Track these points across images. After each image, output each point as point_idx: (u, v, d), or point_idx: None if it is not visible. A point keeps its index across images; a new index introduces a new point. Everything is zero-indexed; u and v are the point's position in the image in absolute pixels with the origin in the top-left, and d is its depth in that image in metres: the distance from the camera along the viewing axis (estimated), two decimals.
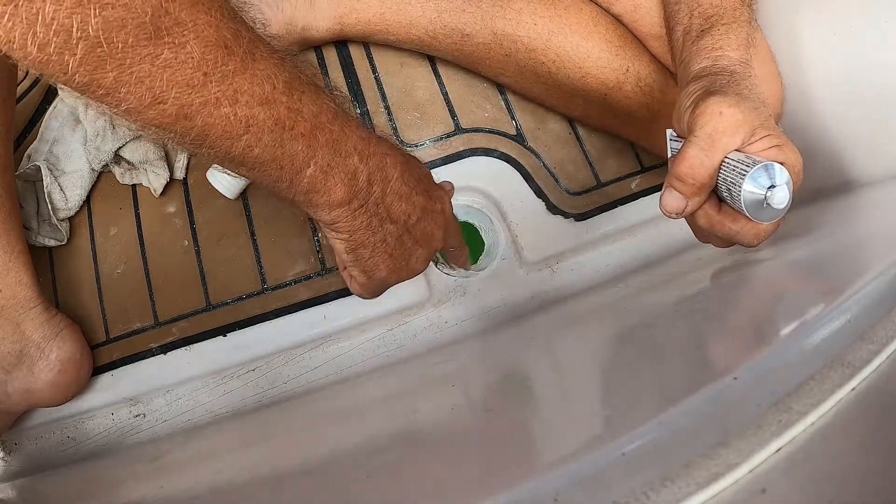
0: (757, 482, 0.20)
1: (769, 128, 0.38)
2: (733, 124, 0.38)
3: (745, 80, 0.41)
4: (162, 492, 0.39)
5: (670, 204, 0.40)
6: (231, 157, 0.31)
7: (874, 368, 0.24)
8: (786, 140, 0.39)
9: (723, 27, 0.43)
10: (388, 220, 0.40)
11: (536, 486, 0.21)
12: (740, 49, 0.42)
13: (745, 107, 0.38)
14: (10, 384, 0.52)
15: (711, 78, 0.41)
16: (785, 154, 0.38)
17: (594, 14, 0.56)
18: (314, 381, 0.57)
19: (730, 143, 0.38)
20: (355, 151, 0.37)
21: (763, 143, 0.38)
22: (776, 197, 0.36)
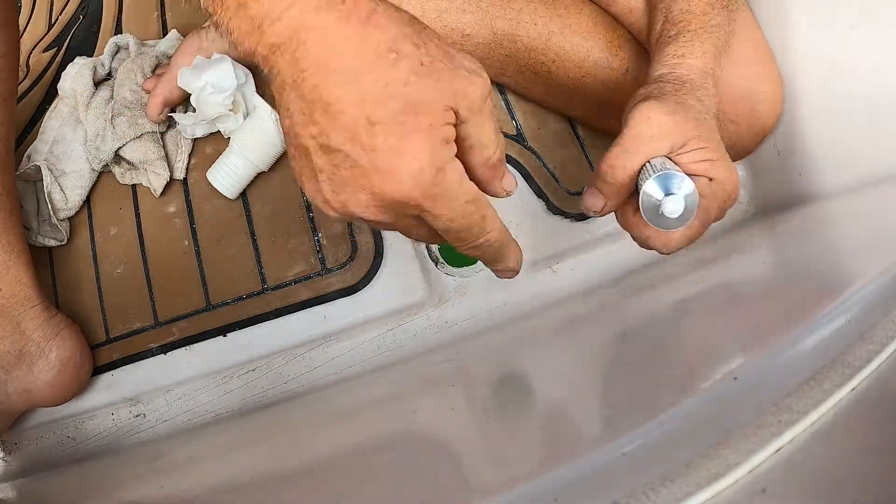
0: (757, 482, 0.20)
1: (706, 140, 0.38)
2: (660, 131, 0.37)
3: (697, 90, 0.40)
4: (162, 492, 0.39)
5: (587, 201, 0.40)
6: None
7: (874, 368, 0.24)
8: (722, 157, 0.38)
9: (689, 34, 0.43)
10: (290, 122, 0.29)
11: (536, 486, 0.21)
12: (704, 57, 0.42)
13: (679, 116, 0.38)
14: (10, 384, 0.52)
15: (660, 85, 0.40)
16: (716, 170, 0.37)
17: (594, 14, 0.56)
18: (314, 381, 0.57)
19: (653, 149, 0.37)
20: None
21: (693, 156, 0.38)
22: (668, 206, 0.35)
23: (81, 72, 0.61)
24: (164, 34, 0.67)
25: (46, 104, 0.65)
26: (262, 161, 0.58)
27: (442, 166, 0.28)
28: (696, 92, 0.40)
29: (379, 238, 0.58)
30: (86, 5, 0.71)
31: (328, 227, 0.58)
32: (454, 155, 0.29)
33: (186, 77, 0.56)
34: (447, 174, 0.28)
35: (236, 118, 0.58)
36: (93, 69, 0.61)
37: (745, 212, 0.63)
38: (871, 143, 0.49)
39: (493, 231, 0.33)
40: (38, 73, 0.68)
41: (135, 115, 0.59)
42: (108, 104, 0.60)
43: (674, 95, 0.39)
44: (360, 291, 0.57)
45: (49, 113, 0.63)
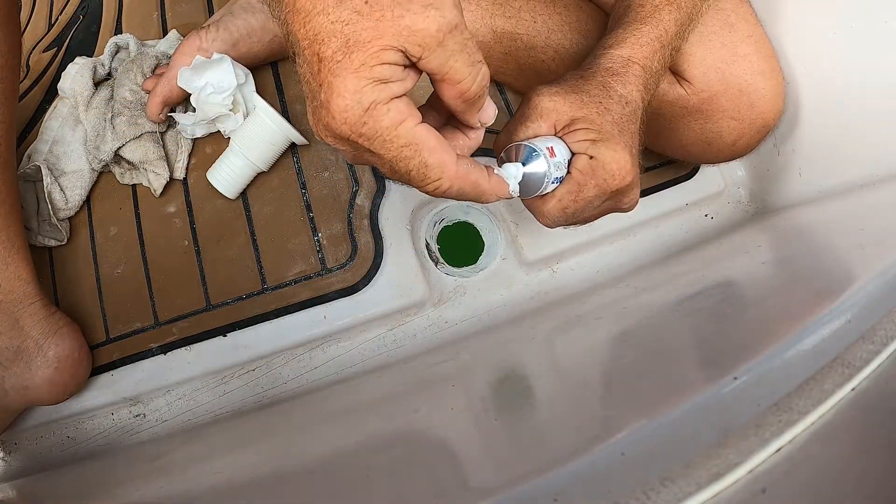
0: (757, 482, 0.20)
1: (590, 122, 0.40)
2: (539, 112, 0.40)
3: (608, 77, 0.42)
4: (162, 492, 0.39)
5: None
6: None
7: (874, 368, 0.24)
8: (608, 139, 0.40)
9: (622, 26, 0.45)
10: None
11: (536, 486, 0.21)
12: (634, 47, 0.44)
13: (563, 98, 0.40)
14: (8, 380, 0.52)
15: (570, 72, 0.43)
16: (596, 149, 0.39)
17: (593, 12, 0.56)
18: (314, 381, 0.57)
19: (535, 129, 0.40)
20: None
21: (577, 135, 0.40)
22: (508, 169, 0.38)
23: (81, 72, 0.61)
24: (164, 34, 0.67)
25: (46, 104, 0.65)
26: (262, 161, 0.58)
27: (369, 106, 0.28)
28: (607, 78, 0.42)
29: (379, 238, 0.58)
30: (86, 5, 0.71)
31: (328, 227, 0.58)
32: (393, 96, 0.29)
33: (186, 77, 0.56)
34: (376, 115, 0.29)
35: (236, 118, 0.58)
36: (93, 69, 0.61)
37: (745, 212, 0.63)
38: (871, 144, 0.49)
39: (443, 179, 0.32)
40: (38, 73, 0.68)
41: (135, 115, 0.59)
42: (108, 104, 0.60)
43: (573, 81, 0.42)
44: (360, 291, 0.57)
45: (49, 113, 0.63)
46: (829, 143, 0.52)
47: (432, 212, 0.61)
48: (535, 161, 0.38)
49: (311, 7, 0.27)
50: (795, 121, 0.54)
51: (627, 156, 0.39)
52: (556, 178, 0.39)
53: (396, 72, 0.29)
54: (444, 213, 0.62)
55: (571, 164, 0.40)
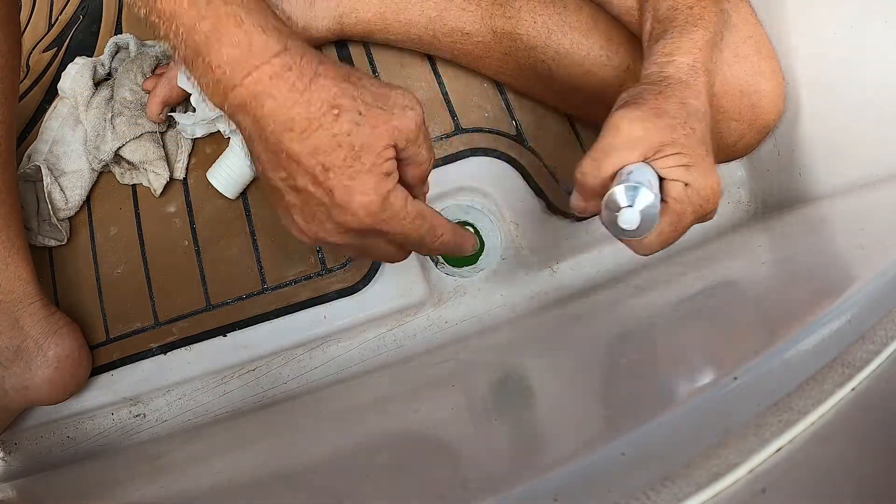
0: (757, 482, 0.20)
1: (682, 146, 0.38)
2: (628, 141, 0.38)
3: (685, 91, 0.41)
4: (162, 492, 0.39)
5: (572, 201, 0.42)
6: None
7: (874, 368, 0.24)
8: (700, 162, 0.39)
9: (676, 30, 0.43)
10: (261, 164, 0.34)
11: (536, 486, 0.21)
12: (692, 53, 0.42)
13: (651, 124, 0.38)
14: (7, 380, 0.52)
15: (642, 87, 0.41)
16: (691, 175, 0.38)
17: (594, 12, 0.56)
18: (314, 381, 0.57)
19: (623, 158, 0.38)
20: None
21: (669, 161, 0.38)
22: (623, 217, 0.37)
23: (81, 72, 0.61)
24: None
25: (46, 104, 0.65)
26: None
27: (386, 195, 0.34)
28: (682, 92, 0.40)
29: None
30: (86, 5, 0.71)
31: None
32: (396, 182, 0.35)
33: (187, 77, 0.56)
34: (392, 200, 0.34)
35: None
36: (93, 69, 0.62)
37: (745, 212, 0.63)
38: (871, 143, 0.49)
39: (445, 234, 0.39)
40: (38, 73, 0.68)
41: (135, 115, 0.59)
42: (108, 104, 0.60)
43: (653, 100, 0.40)
44: (360, 291, 0.57)
45: (49, 113, 0.63)
46: (830, 143, 0.52)
47: None
48: (643, 197, 0.36)
49: (308, 125, 0.32)
50: (795, 121, 0.54)
51: (717, 176, 0.39)
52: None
53: (394, 163, 0.34)
54: (444, 213, 0.62)
55: (664, 191, 0.38)
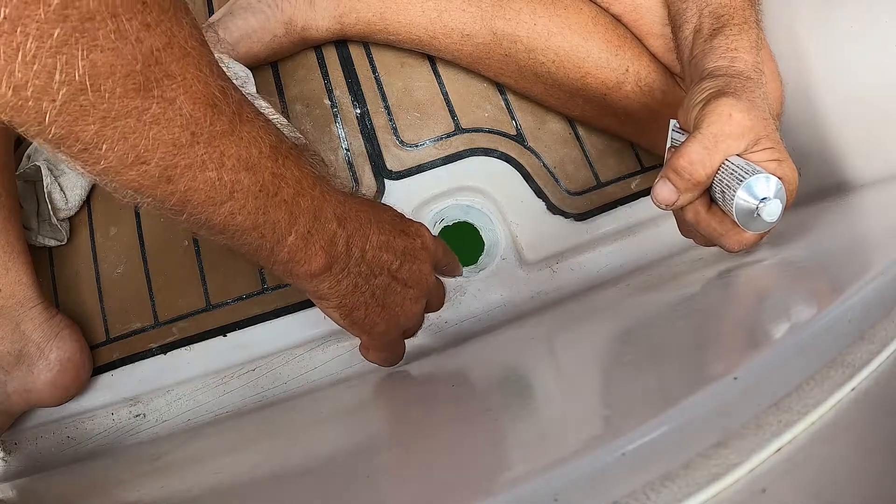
0: (757, 482, 0.20)
1: (774, 140, 0.38)
2: (740, 129, 0.38)
3: (758, 89, 0.40)
4: (162, 492, 0.39)
5: (662, 194, 0.40)
6: (212, 225, 0.29)
7: (874, 368, 0.24)
8: (786, 156, 0.39)
9: (735, 27, 0.43)
10: (373, 275, 0.39)
11: (536, 486, 0.21)
12: (753, 52, 0.42)
13: (754, 115, 0.38)
14: (10, 384, 0.52)
15: (727, 79, 0.40)
16: (783, 169, 0.38)
17: (594, 14, 0.56)
18: (314, 381, 0.57)
19: (733, 147, 0.38)
20: (334, 217, 0.35)
21: (764, 155, 0.38)
22: (768, 209, 0.36)
23: None
24: None
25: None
26: None
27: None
28: (758, 90, 0.40)
29: None
30: None
31: None
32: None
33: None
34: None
35: None
36: None
37: None
38: (871, 144, 0.49)
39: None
40: None
41: None
42: None
43: (746, 93, 0.39)
44: None
45: None
46: (829, 142, 0.52)
47: (433, 212, 0.61)
48: (776, 188, 0.36)
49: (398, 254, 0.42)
50: (795, 121, 0.54)
51: (797, 172, 0.39)
52: None
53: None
54: (445, 213, 0.62)
55: None
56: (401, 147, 0.62)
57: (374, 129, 0.62)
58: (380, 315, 0.41)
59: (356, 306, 0.40)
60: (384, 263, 0.40)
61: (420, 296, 0.43)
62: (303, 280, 0.36)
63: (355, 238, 0.37)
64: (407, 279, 0.42)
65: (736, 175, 0.37)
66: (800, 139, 0.55)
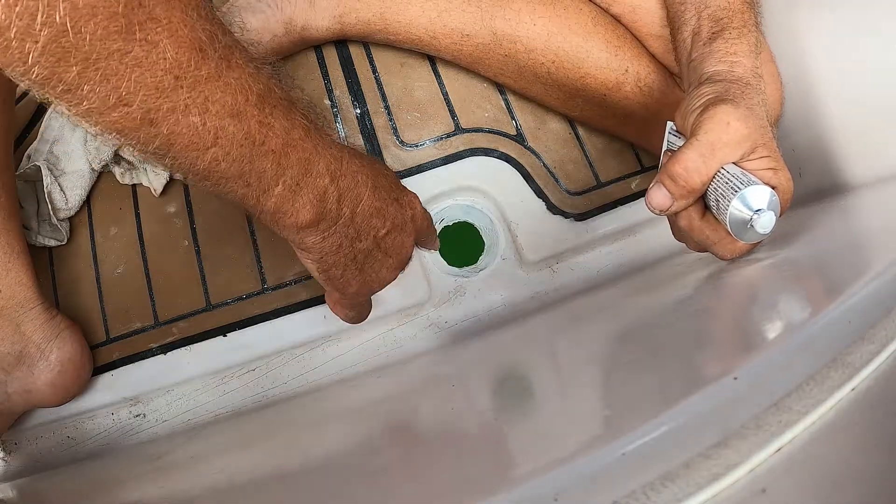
0: (757, 482, 0.20)
1: (770, 149, 0.38)
2: (737, 138, 0.37)
3: (757, 95, 0.40)
4: (162, 492, 0.39)
5: (657, 199, 0.40)
6: (196, 171, 0.30)
7: (874, 368, 0.24)
8: (782, 164, 0.39)
9: (734, 31, 0.43)
10: (358, 238, 0.39)
11: (536, 486, 0.21)
12: (752, 56, 0.42)
13: (752, 123, 0.38)
14: (10, 384, 0.52)
15: (726, 85, 0.40)
16: (779, 178, 0.38)
17: (594, 14, 0.56)
18: (314, 381, 0.57)
19: (729, 155, 0.38)
20: (327, 172, 0.35)
21: (761, 163, 0.38)
22: (761, 221, 0.36)
23: None
24: None
25: (46, 104, 0.65)
26: None
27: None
28: (757, 96, 0.40)
29: None
30: None
31: None
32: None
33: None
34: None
35: None
36: None
37: None
38: (871, 144, 0.49)
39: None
40: None
41: None
42: None
43: (744, 100, 0.39)
44: None
45: (49, 113, 0.63)
46: (829, 142, 0.52)
47: (433, 212, 0.61)
48: (771, 200, 0.36)
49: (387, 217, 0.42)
50: (795, 121, 0.54)
51: (792, 181, 0.39)
52: None
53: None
54: (445, 213, 0.62)
55: None
56: (401, 147, 0.62)
57: (374, 129, 0.62)
58: (355, 278, 0.41)
59: (335, 265, 0.40)
60: (371, 229, 0.40)
61: (397, 266, 0.44)
62: (289, 231, 0.36)
63: (347, 198, 0.37)
64: (389, 248, 0.42)
65: (731, 185, 0.37)
66: (799, 139, 0.55)
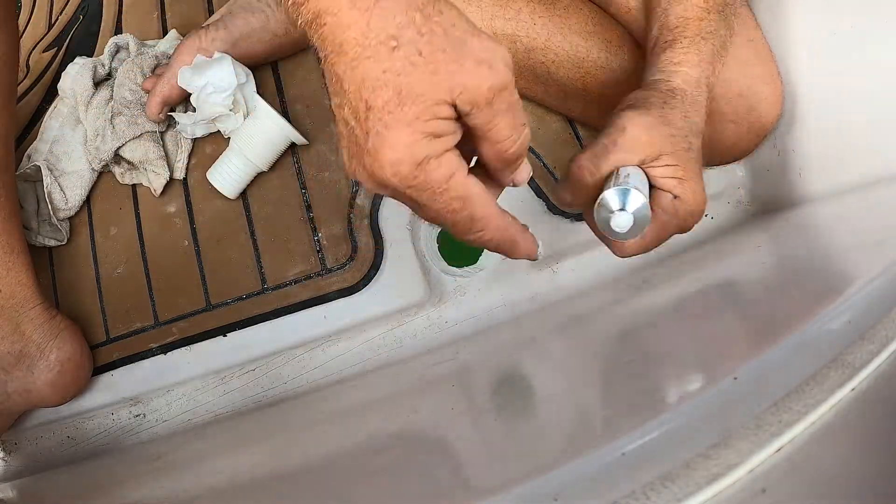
0: (757, 482, 0.20)
1: (679, 158, 0.39)
2: (632, 143, 0.38)
3: (687, 104, 0.41)
4: (162, 492, 0.39)
5: (559, 192, 0.41)
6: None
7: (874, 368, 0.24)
8: (691, 176, 0.39)
9: (686, 40, 0.43)
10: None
11: (536, 486, 0.21)
12: (700, 66, 0.42)
13: (657, 132, 0.38)
14: (10, 384, 0.52)
15: (649, 94, 0.41)
16: (682, 188, 0.39)
17: (593, 14, 0.56)
18: (314, 381, 0.57)
19: (623, 159, 0.38)
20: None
21: (664, 171, 0.39)
22: (616, 220, 0.37)
23: (81, 72, 0.61)
24: (164, 34, 0.67)
25: (46, 104, 0.65)
26: (262, 161, 0.58)
27: (422, 160, 0.28)
28: (686, 106, 0.41)
29: (379, 238, 0.58)
30: (86, 5, 0.71)
31: (328, 227, 0.58)
32: (445, 150, 0.29)
33: (187, 76, 0.56)
34: (429, 169, 0.28)
35: (236, 118, 0.58)
36: (93, 69, 0.61)
37: (745, 212, 0.63)
38: (870, 143, 0.49)
39: (486, 231, 0.32)
40: (38, 73, 0.68)
41: (134, 115, 0.59)
42: (107, 104, 0.60)
43: (660, 108, 0.40)
44: (360, 291, 0.57)
45: (49, 113, 0.63)
46: (829, 143, 0.52)
47: None
48: (634, 201, 0.37)
49: (361, 51, 0.27)
50: (795, 121, 0.54)
51: (704, 194, 0.39)
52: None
53: (449, 126, 0.28)
54: None
55: (653, 200, 0.39)
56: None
57: None
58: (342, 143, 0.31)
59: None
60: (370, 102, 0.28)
61: (370, 176, 0.30)
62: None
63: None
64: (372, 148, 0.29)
65: (608, 184, 0.38)
66: (799, 140, 0.55)
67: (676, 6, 0.44)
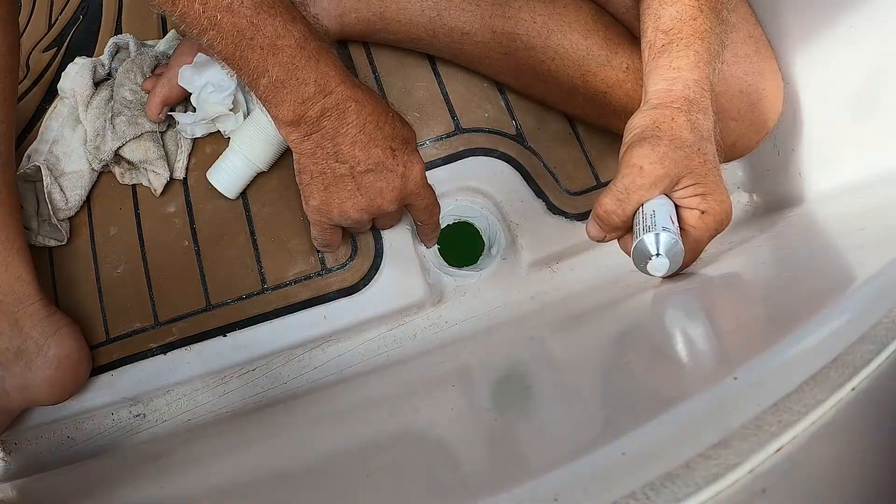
0: (757, 482, 0.20)
1: (698, 175, 0.40)
2: (651, 180, 0.40)
3: (694, 111, 0.41)
4: (162, 492, 0.39)
5: (592, 232, 0.44)
6: (203, 42, 0.39)
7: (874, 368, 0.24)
8: (713, 189, 0.41)
9: (681, 42, 0.43)
10: (335, 158, 0.44)
11: (536, 486, 0.21)
12: (699, 67, 0.42)
13: (670, 160, 0.40)
14: (8, 381, 0.52)
15: (657, 115, 0.42)
16: (707, 203, 0.40)
17: (593, 12, 0.56)
18: (314, 381, 0.57)
19: (645, 196, 0.41)
20: (313, 82, 0.41)
21: (686, 192, 0.41)
22: (653, 264, 0.39)
23: (81, 72, 0.61)
24: (163, 34, 0.67)
25: (46, 104, 0.65)
26: (261, 161, 0.58)
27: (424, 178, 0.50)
28: (692, 114, 0.41)
29: (379, 238, 0.58)
30: (86, 5, 0.71)
31: None
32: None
33: (187, 76, 0.56)
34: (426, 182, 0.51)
35: (236, 118, 0.58)
36: (93, 69, 0.62)
37: (746, 212, 0.63)
38: (871, 144, 0.49)
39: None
40: (38, 73, 0.68)
41: (134, 115, 0.59)
42: (107, 104, 0.60)
43: (668, 132, 0.41)
44: (360, 291, 0.57)
45: (49, 113, 0.63)
46: (830, 143, 0.52)
47: None
48: (666, 243, 0.39)
49: (382, 119, 0.45)
50: (795, 121, 0.54)
51: (728, 196, 0.41)
52: None
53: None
54: (445, 212, 0.62)
55: (682, 219, 0.41)
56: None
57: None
58: (318, 193, 0.46)
59: (305, 169, 0.45)
60: (351, 157, 0.44)
61: (365, 207, 0.47)
62: (277, 122, 0.43)
63: (332, 115, 0.42)
64: (364, 186, 0.46)
65: (641, 225, 0.40)
66: (799, 140, 0.55)
67: (669, 7, 0.44)
